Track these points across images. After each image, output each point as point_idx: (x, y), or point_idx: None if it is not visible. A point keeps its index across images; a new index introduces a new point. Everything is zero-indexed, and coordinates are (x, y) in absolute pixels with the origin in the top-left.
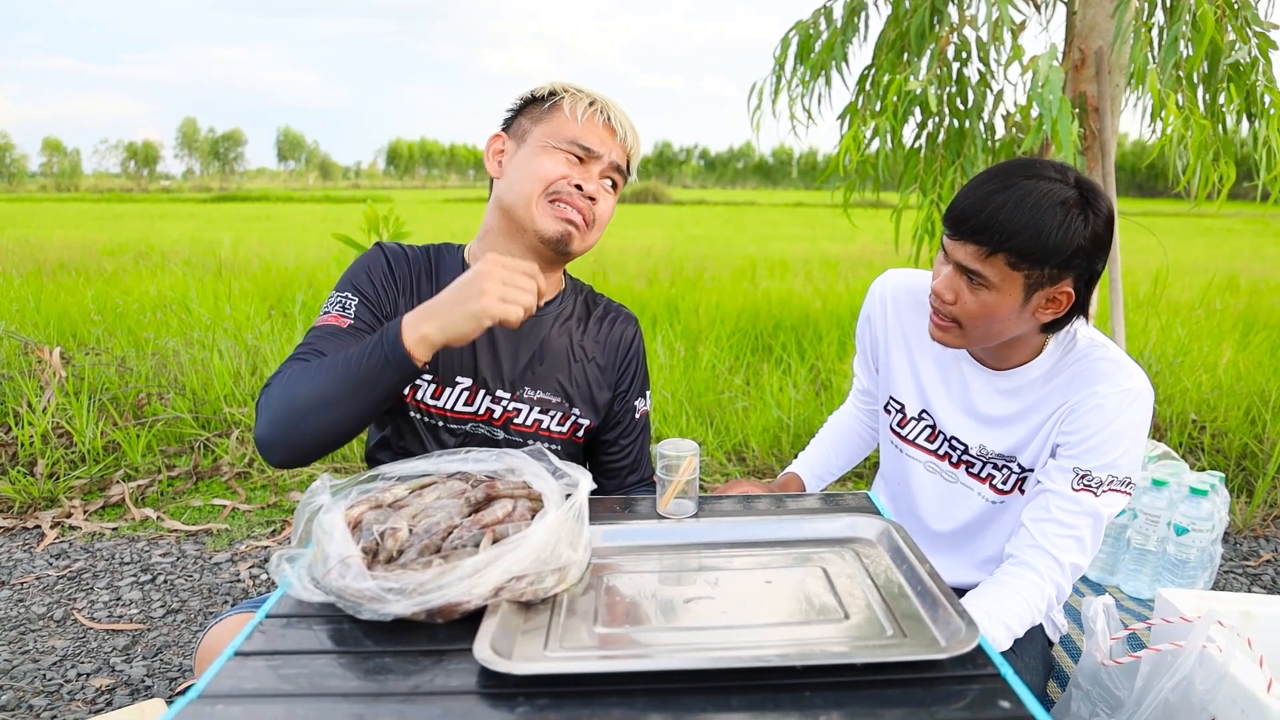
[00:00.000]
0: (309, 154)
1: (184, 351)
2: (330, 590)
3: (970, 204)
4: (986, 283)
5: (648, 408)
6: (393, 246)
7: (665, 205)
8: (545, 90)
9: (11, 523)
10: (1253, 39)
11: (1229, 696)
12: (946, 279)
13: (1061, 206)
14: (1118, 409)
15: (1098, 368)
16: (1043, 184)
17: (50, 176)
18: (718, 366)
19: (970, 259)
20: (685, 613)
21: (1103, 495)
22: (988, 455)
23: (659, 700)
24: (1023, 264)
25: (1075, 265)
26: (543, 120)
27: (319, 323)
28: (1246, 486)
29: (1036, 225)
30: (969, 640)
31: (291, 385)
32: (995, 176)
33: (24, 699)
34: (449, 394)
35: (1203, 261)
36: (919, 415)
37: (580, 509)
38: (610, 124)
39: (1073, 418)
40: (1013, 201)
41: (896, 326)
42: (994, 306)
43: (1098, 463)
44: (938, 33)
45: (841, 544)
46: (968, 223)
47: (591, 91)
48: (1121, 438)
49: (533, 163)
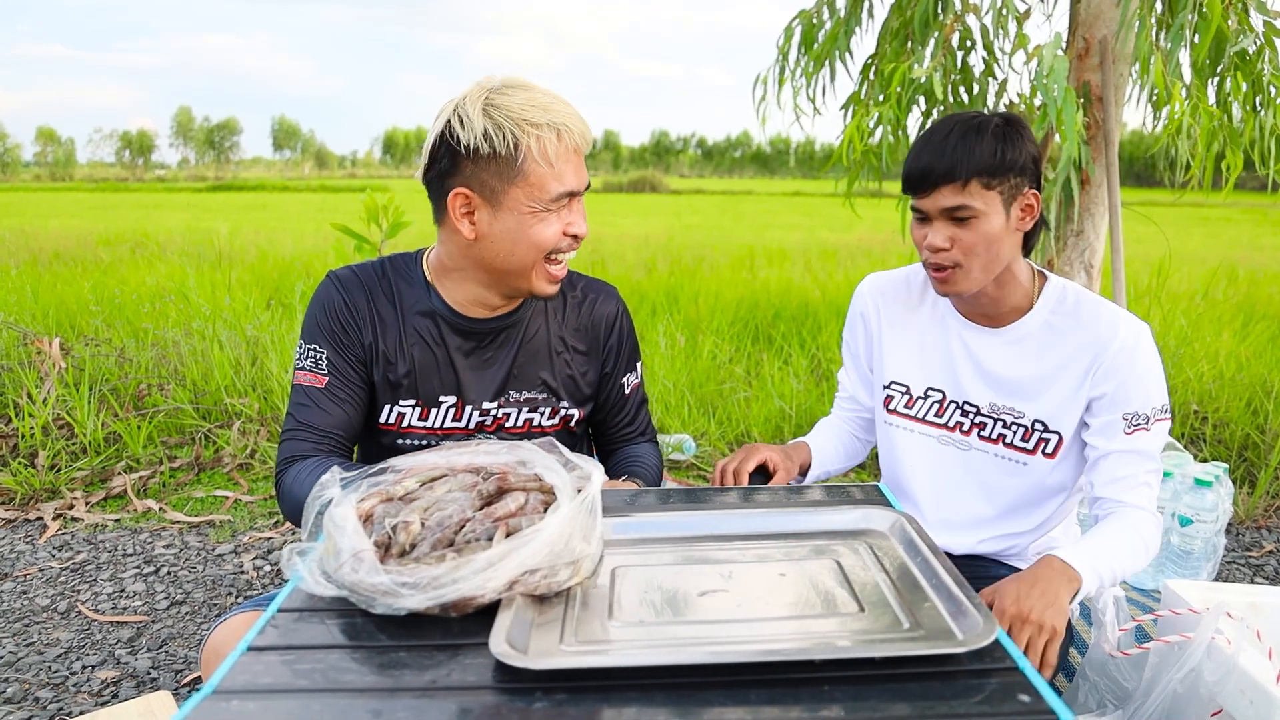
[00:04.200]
0: (304, 143)
1: (184, 342)
2: (343, 584)
3: (928, 157)
4: (974, 212)
5: (638, 380)
6: (345, 276)
7: (663, 194)
8: (501, 140)
9: (13, 514)
10: (1259, 27)
11: (1238, 688)
12: (937, 231)
13: (1000, 128)
14: (1137, 346)
15: (1103, 316)
16: (974, 119)
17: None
18: (718, 356)
19: (951, 197)
20: (700, 606)
21: (1153, 427)
22: (999, 412)
23: (677, 694)
24: (994, 180)
25: (1030, 172)
26: (517, 180)
27: (297, 380)
28: (1248, 477)
29: (992, 144)
30: (987, 634)
31: (301, 495)
32: (933, 132)
33: (30, 691)
34: (435, 414)
35: (1201, 251)
36: (925, 393)
37: (593, 502)
38: (579, 147)
39: (1105, 372)
40: (961, 138)
41: (890, 316)
42: (987, 230)
43: (1140, 400)
44: (942, 21)
45: (854, 536)
46: (935, 170)
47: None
48: (1150, 371)
49: (528, 233)
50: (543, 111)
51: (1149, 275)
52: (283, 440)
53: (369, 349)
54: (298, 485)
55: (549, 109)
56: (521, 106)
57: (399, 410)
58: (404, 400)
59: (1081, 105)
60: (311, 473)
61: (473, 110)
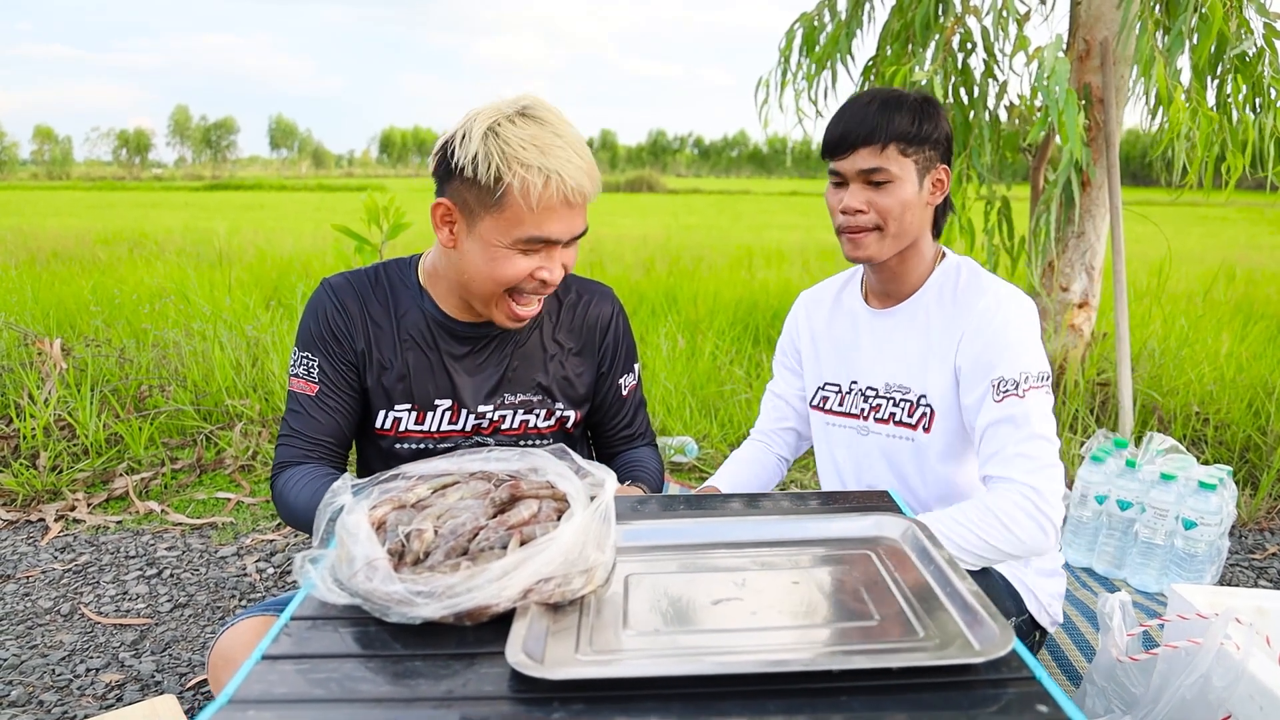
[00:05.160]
0: (302, 142)
1: (184, 342)
2: (357, 592)
3: (850, 120)
4: (890, 176)
5: (635, 382)
6: (338, 283)
7: (660, 194)
8: (486, 170)
9: (15, 516)
10: (1259, 30)
11: (1246, 694)
12: (855, 194)
13: (917, 104)
14: (1003, 310)
15: (975, 285)
16: (894, 93)
17: (42, 164)
18: (719, 358)
19: (868, 159)
20: (714, 614)
21: (1027, 395)
22: (891, 390)
23: (694, 704)
24: (910, 149)
25: (942, 149)
26: (493, 210)
27: (290, 386)
28: (1251, 479)
29: (910, 114)
30: (1004, 643)
31: (293, 503)
32: (854, 100)
33: (34, 694)
34: (431, 417)
35: (1199, 250)
36: (849, 387)
37: (607, 510)
38: (569, 198)
39: (968, 339)
40: (881, 105)
41: (806, 327)
42: (902, 195)
43: (1008, 365)
44: (943, 23)
45: (866, 543)
46: (855, 132)
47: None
48: (1021, 336)
49: (489, 265)
50: (539, 152)
51: (1148, 276)
52: (278, 445)
53: (362, 355)
54: (288, 491)
55: (548, 150)
56: (521, 141)
57: (395, 415)
58: (399, 404)
59: (1082, 107)
60: (300, 479)
61: (476, 130)
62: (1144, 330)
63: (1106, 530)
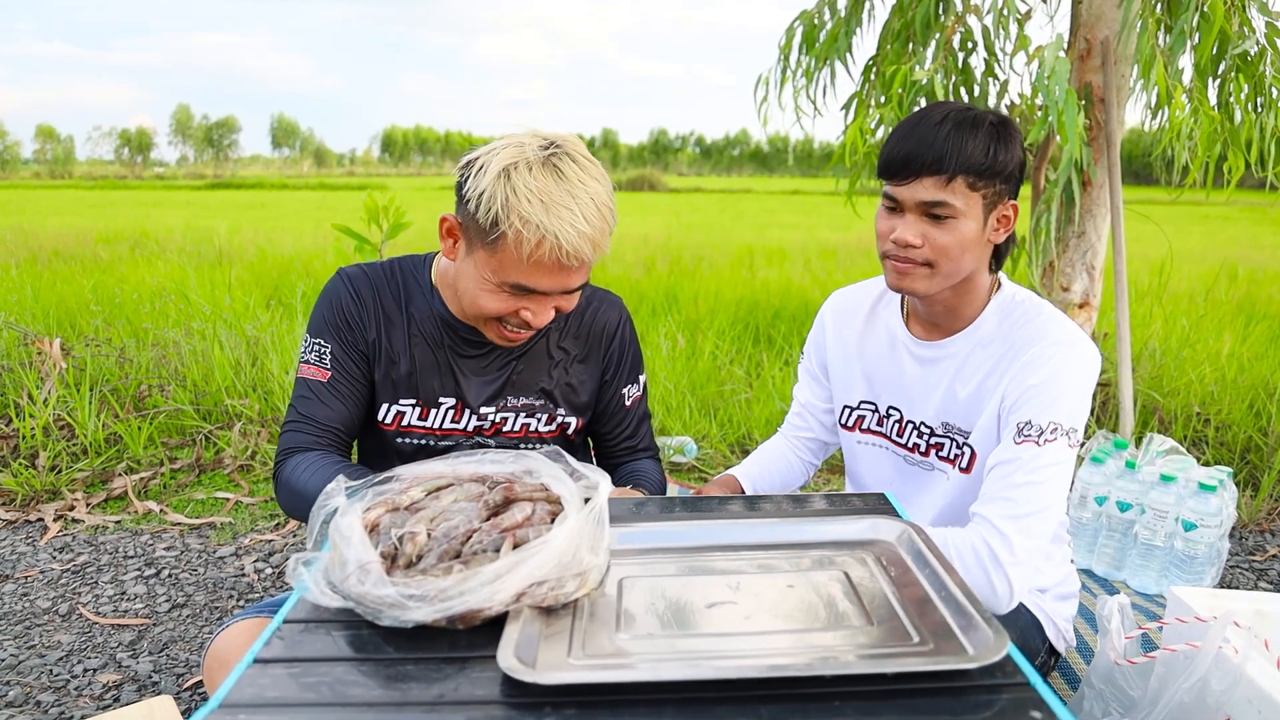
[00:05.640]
0: (303, 141)
1: (184, 342)
2: (349, 596)
3: (915, 141)
4: (953, 211)
5: (640, 393)
6: (354, 273)
7: (661, 193)
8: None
9: (14, 515)
10: (1261, 29)
11: (1245, 698)
12: (909, 225)
13: (993, 127)
14: (1054, 360)
15: (1033, 326)
16: (969, 112)
17: (44, 163)
18: (719, 357)
19: (931, 191)
20: (708, 618)
21: (1045, 446)
22: (950, 430)
23: (686, 709)
24: (980, 182)
25: (1013, 182)
26: (487, 248)
27: (300, 373)
28: (1251, 480)
29: (985, 142)
30: (998, 649)
31: (301, 489)
32: (923, 116)
33: (31, 694)
34: (435, 414)
35: (1200, 249)
36: (887, 411)
37: (600, 512)
38: (562, 261)
39: (1014, 383)
40: (955, 128)
41: (836, 340)
42: (963, 234)
43: (1037, 410)
44: (943, 22)
45: (862, 546)
46: (920, 158)
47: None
48: (1061, 385)
49: (476, 293)
50: (544, 209)
51: (1149, 276)
52: (283, 432)
53: (373, 345)
54: (295, 476)
55: (553, 209)
56: (529, 193)
57: (398, 409)
58: (404, 399)
59: (1083, 107)
60: (310, 466)
61: (494, 166)
62: (1145, 330)
63: (1106, 532)
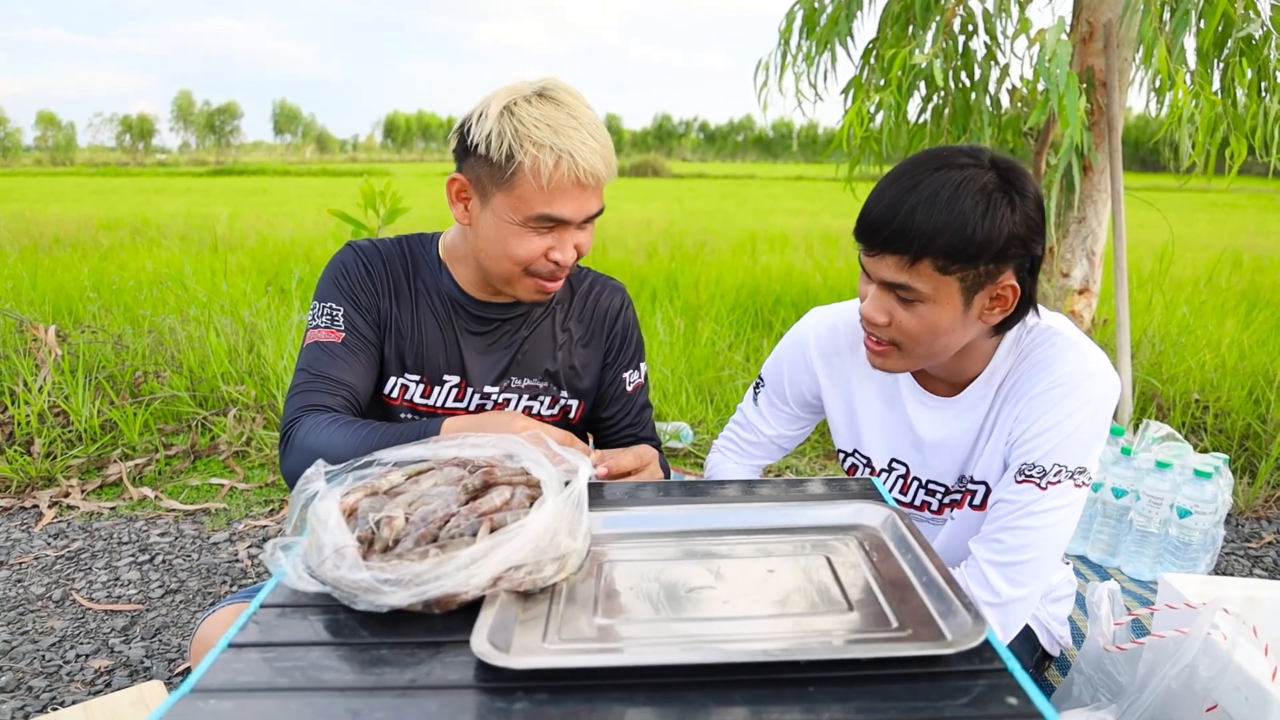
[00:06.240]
0: (306, 127)
1: (180, 329)
2: (325, 580)
3: (880, 211)
4: (918, 295)
5: (641, 379)
6: (365, 245)
7: (664, 178)
8: (499, 148)
9: (9, 502)
10: (1266, 12)
11: (1233, 684)
12: (874, 300)
13: (981, 193)
14: (1066, 401)
15: (1041, 357)
16: (954, 173)
17: (45, 150)
18: (718, 343)
19: (893, 272)
20: (687, 603)
21: (1049, 489)
22: (966, 482)
23: (660, 694)
24: (953, 266)
25: (1013, 255)
26: (504, 187)
27: (310, 339)
28: (1249, 467)
29: (959, 220)
30: (976, 634)
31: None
32: (903, 174)
33: (23, 680)
34: (438, 392)
35: (1205, 236)
36: (889, 465)
37: (580, 496)
38: (580, 179)
39: (1018, 415)
40: (926, 199)
41: (829, 386)
42: (933, 320)
43: (1043, 451)
44: (943, 5)
45: (845, 531)
46: (881, 232)
47: (553, 128)
48: (1071, 426)
49: (502, 242)
50: (552, 132)
51: (1152, 262)
52: (293, 394)
53: (385, 315)
54: (313, 434)
55: (561, 131)
56: (535, 121)
57: (403, 382)
58: (409, 373)
59: (1084, 90)
60: (330, 424)
61: (493, 109)
62: (1145, 317)
63: (1101, 518)
